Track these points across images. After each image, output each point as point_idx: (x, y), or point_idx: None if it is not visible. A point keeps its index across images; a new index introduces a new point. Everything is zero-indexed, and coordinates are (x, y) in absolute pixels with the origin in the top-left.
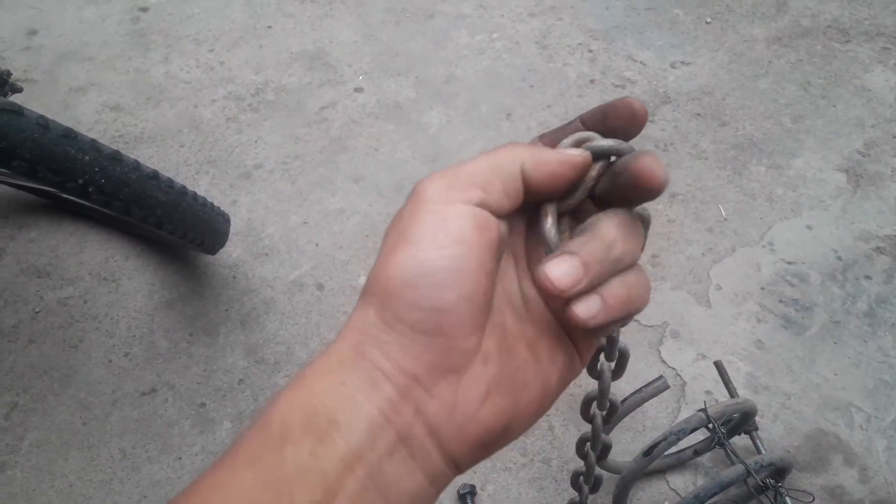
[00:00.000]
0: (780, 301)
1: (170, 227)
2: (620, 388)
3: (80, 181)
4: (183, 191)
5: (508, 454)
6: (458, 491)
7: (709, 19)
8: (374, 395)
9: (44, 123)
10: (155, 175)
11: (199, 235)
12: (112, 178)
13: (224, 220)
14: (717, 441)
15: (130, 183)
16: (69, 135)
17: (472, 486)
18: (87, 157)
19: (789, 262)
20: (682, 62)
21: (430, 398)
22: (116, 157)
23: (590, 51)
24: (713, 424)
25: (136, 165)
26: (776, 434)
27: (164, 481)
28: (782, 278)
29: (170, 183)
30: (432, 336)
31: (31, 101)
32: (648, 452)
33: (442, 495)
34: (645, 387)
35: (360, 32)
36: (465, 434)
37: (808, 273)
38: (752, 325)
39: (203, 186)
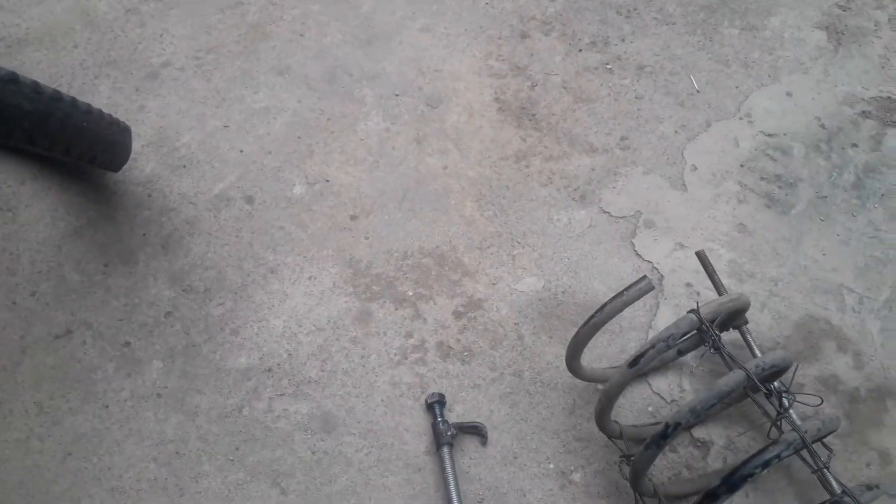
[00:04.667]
0: (762, 178)
1: (44, 142)
2: (591, 288)
3: None
4: (56, 96)
5: (477, 369)
6: (426, 400)
7: None
8: None
9: None
10: (13, 79)
11: (88, 150)
12: None
13: (121, 130)
14: (711, 345)
15: None
16: None
17: (441, 395)
18: None
19: (769, 135)
20: None
21: None
22: None
23: None
24: (706, 326)
25: None
26: (764, 325)
27: (91, 433)
28: (763, 153)
29: (36, 87)
30: None
31: None
32: (635, 363)
33: (411, 406)
34: (626, 290)
35: None
36: None
37: (791, 145)
38: (732, 207)
39: (104, 93)
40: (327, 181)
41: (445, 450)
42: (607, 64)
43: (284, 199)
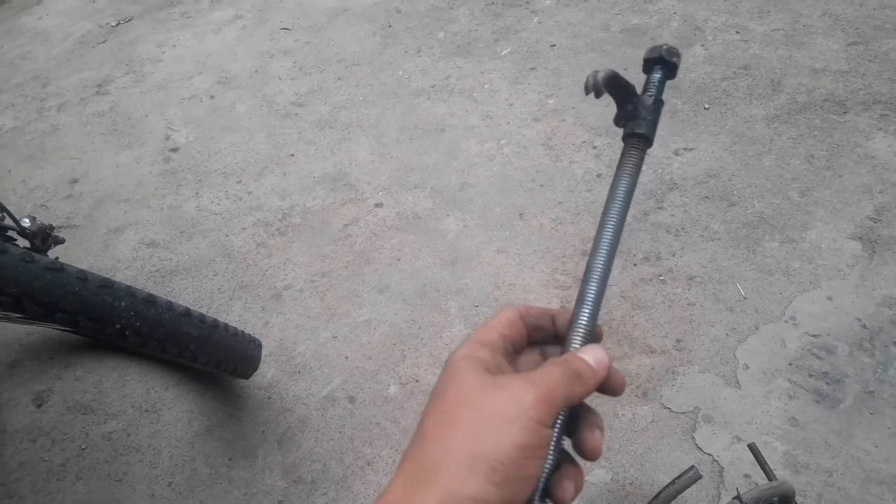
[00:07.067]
0: (810, 375)
1: (204, 359)
2: (656, 479)
3: (118, 326)
4: (214, 324)
5: None
6: None
7: (707, 105)
8: None
9: (83, 277)
10: (187, 312)
11: (233, 363)
12: (147, 320)
13: (255, 345)
14: None
15: (164, 323)
16: (106, 284)
17: None
18: (122, 304)
19: (814, 335)
20: (686, 148)
21: None
22: (150, 299)
23: (594, 147)
24: None
25: (170, 305)
26: None
27: None
28: (809, 352)
29: (201, 318)
30: None
31: (73, 244)
32: None
33: None
34: (678, 478)
35: (376, 152)
36: None
37: (835, 344)
38: (784, 402)
39: (236, 312)
40: (417, 381)
41: None
42: (660, 276)
43: (381, 399)
